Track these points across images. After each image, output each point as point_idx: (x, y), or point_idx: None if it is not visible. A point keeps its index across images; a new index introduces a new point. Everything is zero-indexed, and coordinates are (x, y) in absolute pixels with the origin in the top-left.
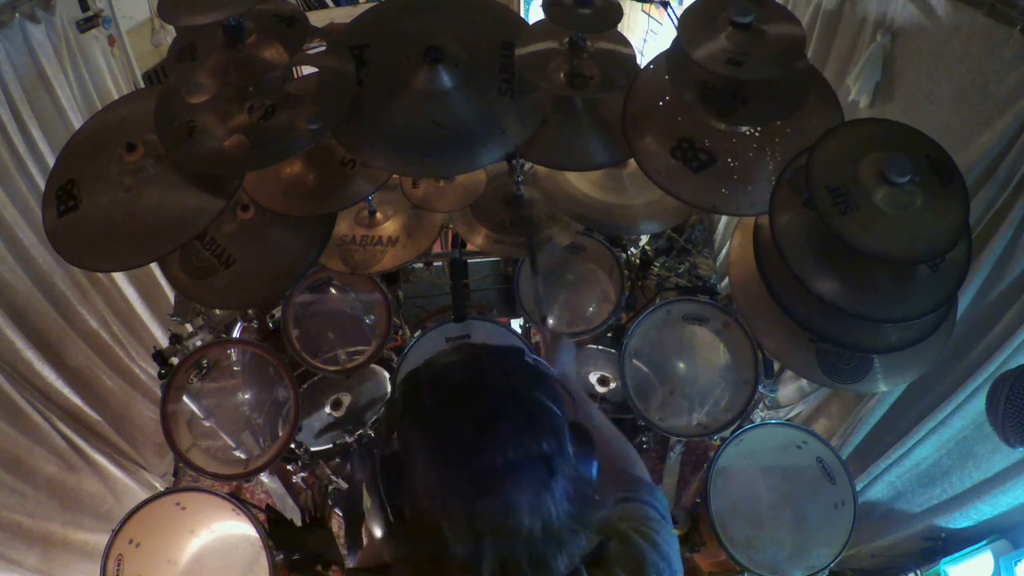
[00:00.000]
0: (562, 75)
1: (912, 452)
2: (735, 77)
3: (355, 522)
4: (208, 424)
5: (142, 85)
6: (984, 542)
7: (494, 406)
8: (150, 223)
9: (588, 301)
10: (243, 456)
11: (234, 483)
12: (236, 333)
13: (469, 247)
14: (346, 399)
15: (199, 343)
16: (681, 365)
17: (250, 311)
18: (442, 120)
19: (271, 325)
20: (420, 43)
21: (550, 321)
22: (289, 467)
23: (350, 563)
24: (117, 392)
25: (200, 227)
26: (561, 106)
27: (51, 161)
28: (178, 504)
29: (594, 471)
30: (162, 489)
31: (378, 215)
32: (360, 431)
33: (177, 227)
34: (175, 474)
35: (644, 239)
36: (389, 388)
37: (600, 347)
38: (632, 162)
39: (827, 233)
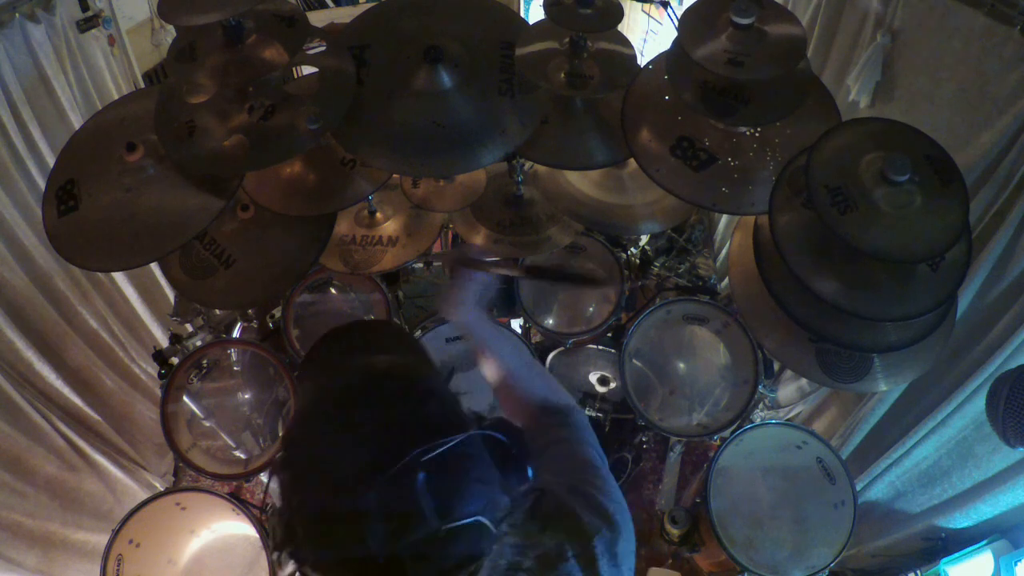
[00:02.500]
0: (562, 75)
1: (912, 452)
2: (735, 77)
3: None
4: (208, 424)
5: (142, 85)
6: (984, 542)
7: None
8: (150, 223)
9: (588, 301)
10: (243, 456)
11: (234, 483)
12: (236, 333)
13: None
14: None
15: (199, 343)
16: (681, 365)
17: (250, 311)
18: (442, 120)
19: (271, 325)
20: (420, 43)
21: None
22: None
23: None
24: (117, 392)
25: (200, 227)
26: (561, 106)
27: (51, 161)
28: (178, 504)
29: (529, 474)
30: (162, 489)
31: (378, 215)
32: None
33: (177, 227)
34: (175, 474)
35: (644, 239)
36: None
37: (600, 347)
38: (632, 162)
39: (827, 232)
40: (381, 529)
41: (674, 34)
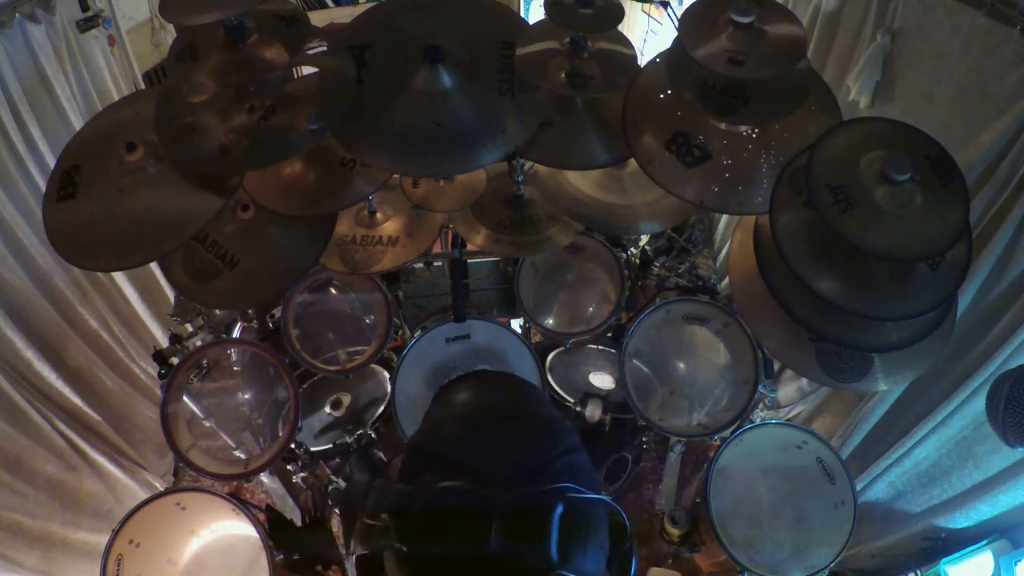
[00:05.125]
0: (563, 75)
1: (912, 452)
2: (736, 76)
3: (355, 522)
4: (208, 424)
5: (142, 85)
6: (984, 542)
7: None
8: (149, 222)
9: (588, 301)
10: (243, 456)
11: (234, 483)
12: (236, 333)
13: (469, 247)
14: (346, 399)
15: (199, 343)
16: (681, 365)
17: (250, 311)
18: (442, 120)
19: (271, 325)
20: (420, 43)
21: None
22: (289, 467)
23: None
24: (117, 392)
25: (199, 227)
26: (562, 106)
27: (51, 161)
28: (178, 504)
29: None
30: (162, 489)
31: (378, 215)
32: (360, 431)
33: (177, 227)
34: (175, 474)
35: (644, 239)
36: (389, 388)
37: (600, 347)
38: (632, 162)
39: (827, 232)
40: (506, 532)
41: (674, 34)
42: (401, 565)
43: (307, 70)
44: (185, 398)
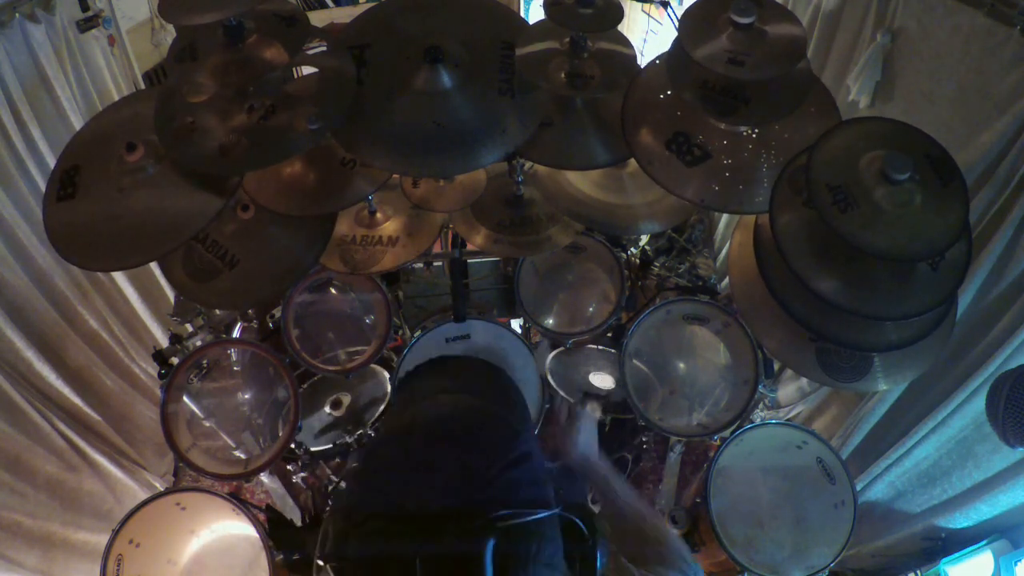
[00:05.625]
0: (563, 75)
1: (912, 452)
2: (736, 77)
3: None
4: (208, 424)
5: (142, 85)
6: (984, 542)
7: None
8: (149, 222)
9: (588, 301)
10: (243, 456)
11: (234, 483)
12: (236, 333)
13: (469, 247)
14: (346, 399)
15: (199, 343)
16: (681, 365)
17: (250, 311)
18: (442, 120)
19: (271, 325)
20: (420, 43)
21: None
22: (289, 467)
23: None
24: (117, 392)
25: (199, 226)
26: (562, 106)
27: (51, 161)
28: (178, 504)
29: (598, 565)
30: (162, 489)
31: (378, 215)
32: (360, 431)
33: (176, 226)
34: (175, 474)
35: (644, 239)
36: (389, 388)
37: (600, 347)
38: (632, 162)
39: (827, 231)
40: None
41: (674, 34)
42: None
43: (307, 70)
44: (185, 398)
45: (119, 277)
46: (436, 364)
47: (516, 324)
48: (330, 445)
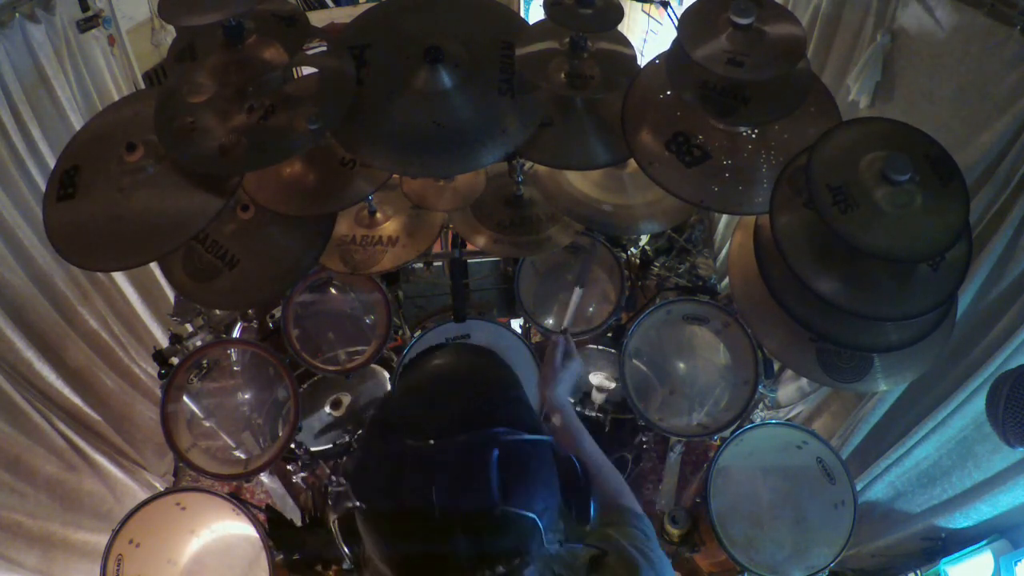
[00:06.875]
0: (562, 75)
1: (912, 452)
2: (735, 77)
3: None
4: (208, 424)
5: (142, 85)
6: (984, 542)
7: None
8: (149, 223)
9: (588, 301)
10: (243, 456)
11: (234, 483)
12: (236, 333)
13: (469, 247)
14: (346, 399)
15: (199, 343)
16: (681, 365)
17: (250, 311)
18: (442, 120)
19: (271, 325)
20: (420, 43)
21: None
22: (289, 467)
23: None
24: (117, 392)
25: (199, 227)
26: (562, 106)
27: (51, 161)
28: (178, 504)
29: (592, 514)
30: (162, 489)
31: (378, 215)
32: (360, 431)
33: (176, 227)
34: (175, 474)
35: (644, 239)
36: (389, 388)
37: (600, 347)
38: (632, 162)
39: (827, 232)
40: (446, 484)
41: (674, 34)
42: (363, 521)
43: (307, 70)
44: (185, 398)
45: (119, 277)
46: (432, 348)
47: (516, 324)
48: (330, 445)
